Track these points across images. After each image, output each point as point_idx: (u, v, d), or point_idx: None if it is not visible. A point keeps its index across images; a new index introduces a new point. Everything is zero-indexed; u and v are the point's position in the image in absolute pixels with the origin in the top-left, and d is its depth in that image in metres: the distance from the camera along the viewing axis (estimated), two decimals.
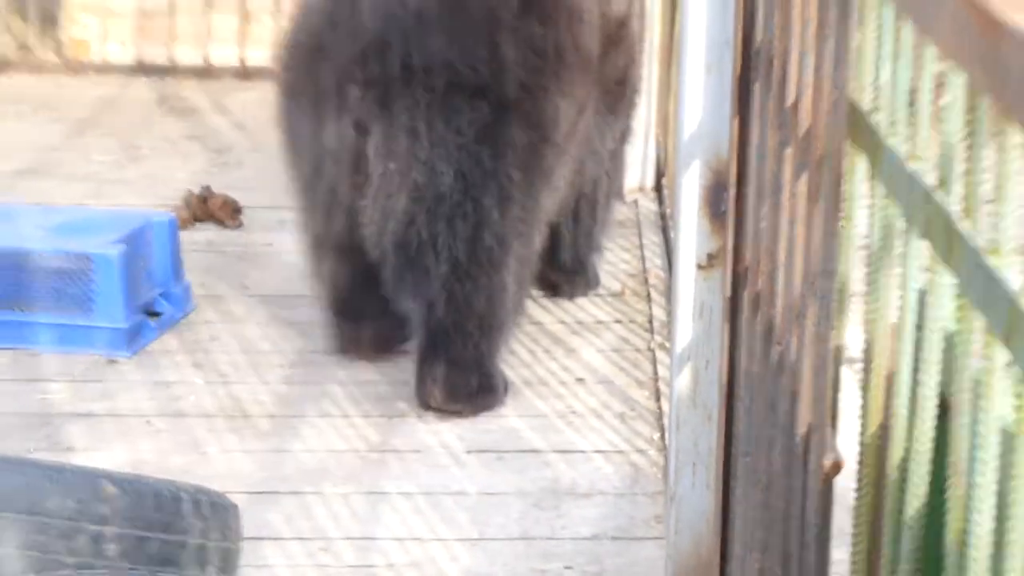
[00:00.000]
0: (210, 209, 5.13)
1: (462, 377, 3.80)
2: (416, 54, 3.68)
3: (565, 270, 4.54)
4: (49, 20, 7.39)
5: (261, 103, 6.66)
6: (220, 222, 5.11)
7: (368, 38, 3.72)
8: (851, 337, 2.12)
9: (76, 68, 7.09)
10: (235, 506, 2.83)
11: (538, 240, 3.99)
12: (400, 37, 3.69)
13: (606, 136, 4.38)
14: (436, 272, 3.77)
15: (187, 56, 7.08)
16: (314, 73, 3.83)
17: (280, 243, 4.97)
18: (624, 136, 4.62)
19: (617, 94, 4.35)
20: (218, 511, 2.73)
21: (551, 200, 3.96)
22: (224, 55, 7.07)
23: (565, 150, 3.91)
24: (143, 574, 2.59)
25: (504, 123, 3.73)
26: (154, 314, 4.26)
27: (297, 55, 3.94)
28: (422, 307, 3.82)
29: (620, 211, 5.32)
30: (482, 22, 3.72)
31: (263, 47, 7.05)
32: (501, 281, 3.84)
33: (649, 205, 5.35)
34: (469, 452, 3.63)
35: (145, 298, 4.22)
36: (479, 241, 3.76)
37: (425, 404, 3.82)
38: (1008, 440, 1.40)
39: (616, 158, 4.58)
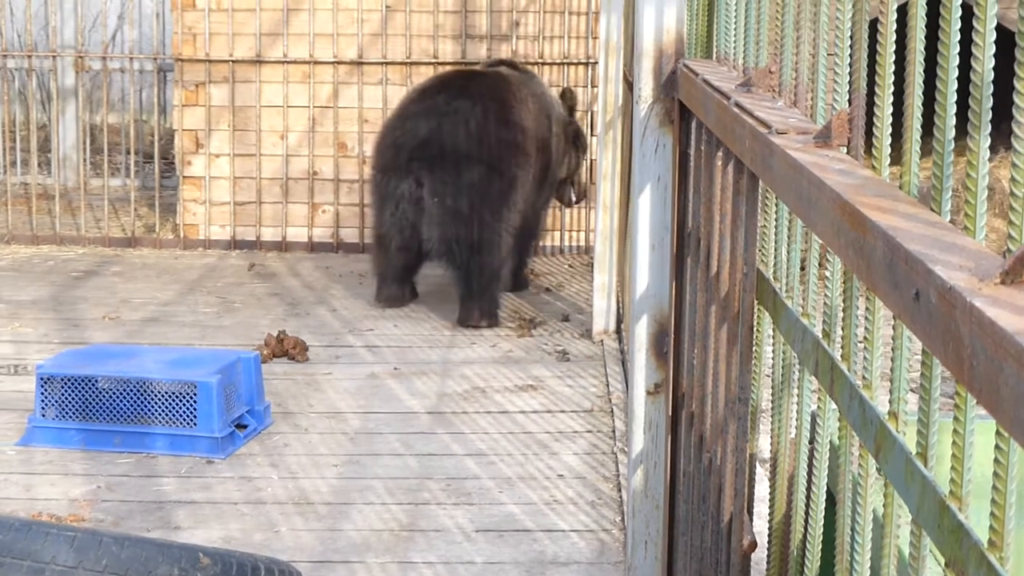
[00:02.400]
0: (285, 348, 5.12)
1: (486, 306, 5.47)
2: (445, 147, 5.48)
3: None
4: (168, 209, 7.45)
5: (323, 269, 6.71)
6: (292, 358, 5.10)
7: (419, 142, 5.51)
8: (763, 444, 2.10)
9: (188, 244, 7.14)
10: (300, 573, 2.79)
11: (514, 230, 5.63)
12: (436, 141, 5.48)
13: (538, 199, 5.98)
14: (463, 251, 5.43)
15: (269, 235, 7.14)
16: (391, 158, 5.57)
17: (336, 373, 4.96)
18: (545, 202, 6.18)
19: (541, 177, 5.90)
20: None
21: (516, 214, 5.60)
22: (297, 234, 7.13)
23: (519, 192, 5.60)
24: None
25: (490, 177, 5.48)
26: (242, 427, 4.23)
27: (384, 151, 5.64)
28: (458, 271, 5.48)
29: (590, 348, 5.34)
30: (476, 130, 5.49)
31: (326, 228, 7.11)
32: (497, 254, 5.51)
33: (612, 344, 5.34)
34: (477, 531, 3.58)
35: (235, 414, 4.20)
36: (483, 233, 5.46)
37: (466, 324, 5.46)
38: (879, 527, 1.39)
39: (541, 216, 6.19)
